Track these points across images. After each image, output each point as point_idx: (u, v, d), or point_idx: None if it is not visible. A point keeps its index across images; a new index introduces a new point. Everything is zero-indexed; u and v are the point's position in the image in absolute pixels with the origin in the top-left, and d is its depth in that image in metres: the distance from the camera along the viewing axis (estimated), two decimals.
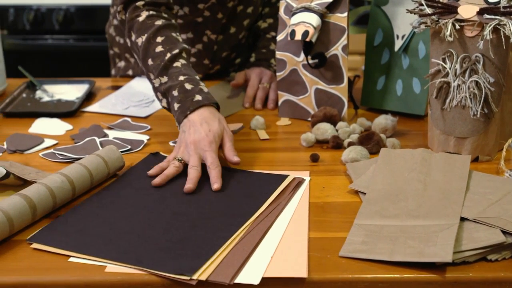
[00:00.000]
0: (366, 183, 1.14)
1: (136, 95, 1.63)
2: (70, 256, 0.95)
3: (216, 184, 1.14)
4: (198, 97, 1.25)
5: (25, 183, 1.15)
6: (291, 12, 1.43)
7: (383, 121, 1.37)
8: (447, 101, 1.24)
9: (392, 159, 1.19)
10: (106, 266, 0.93)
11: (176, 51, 1.31)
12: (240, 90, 1.66)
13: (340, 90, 1.44)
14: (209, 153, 1.18)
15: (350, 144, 1.31)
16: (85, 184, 1.12)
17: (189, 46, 1.56)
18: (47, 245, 0.98)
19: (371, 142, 1.30)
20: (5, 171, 1.12)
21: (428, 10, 1.22)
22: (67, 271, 0.92)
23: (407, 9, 1.26)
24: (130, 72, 1.80)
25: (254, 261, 0.94)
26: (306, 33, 1.38)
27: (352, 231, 1.01)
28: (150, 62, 1.31)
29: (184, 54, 1.33)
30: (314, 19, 1.39)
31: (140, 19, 1.35)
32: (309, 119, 1.47)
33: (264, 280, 0.90)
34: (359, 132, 1.38)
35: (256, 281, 0.89)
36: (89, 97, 1.63)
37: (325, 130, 1.36)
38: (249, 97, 1.58)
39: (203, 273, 0.91)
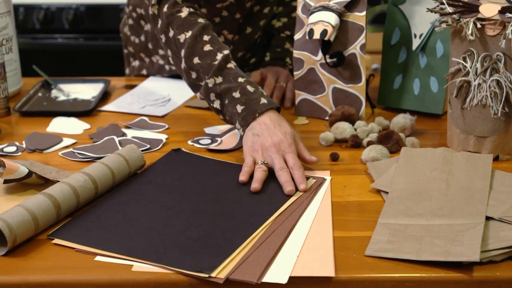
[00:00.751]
0: (388, 182, 1.14)
1: (152, 94, 1.63)
2: (96, 255, 0.95)
3: (302, 184, 1.13)
4: (263, 100, 1.25)
5: (47, 182, 1.16)
6: (309, 11, 1.43)
7: (401, 120, 1.37)
8: (468, 100, 1.24)
9: (414, 158, 1.19)
10: (132, 265, 0.93)
11: (226, 51, 1.30)
12: None
13: (357, 89, 1.44)
14: (291, 154, 1.18)
15: (369, 143, 1.31)
16: (107, 183, 1.12)
17: None
18: (68, 240, 0.98)
19: (390, 141, 1.30)
20: (27, 170, 1.12)
21: (449, 9, 1.22)
22: (93, 270, 0.92)
23: (427, 8, 1.26)
24: (144, 72, 1.79)
25: (280, 260, 0.94)
26: (324, 32, 1.38)
27: (376, 230, 1.01)
28: (196, 60, 1.29)
29: (231, 55, 1.32)
30: (332, 18, 1.39)
31: (182, 15, 1.33)
32: (327, 118, 1.47)
33: (291, 279, 0.90)
34: (377, 131, 1.38)
35: (283, 280, 0.89)
36: (104, 96, 1.63)
37: (343, 129, 1.35)
38: None
39: (221, 271, 0.91)
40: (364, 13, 1.40)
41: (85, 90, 1.66)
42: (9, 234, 0.94)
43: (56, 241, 0.99)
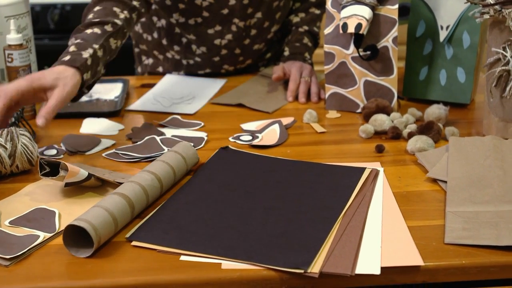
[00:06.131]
0: (443, 171, 1.17)
1: (175, 93, 1.62)
2: (180, 255, 0.94)
3: None
4: (66, 57, 1.26)
5: (103, 184, 1.14)
6: (341, 5, 1.44)
7: (436, 110, 1.40)
8: (507, 88, 1.27)
9: (463, 147, 1.22)
10: (220, 263, 0.92)
11: (97, 20, 1.33)
12: (277, 85, 1.66)
13: (389, 82, 1.46)
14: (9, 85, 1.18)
15: (410, 134, 1.33)
16: (169, 181, 1.11)
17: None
18: (148, 242, 0.97)
19: (431, 132, 1.32)
20: (87, 173, 1.10)
21: (491, 0, 1.25)
22: (183, 270, 0.91)
23: (467, 0, 1.29)
24: (160, 69, 1.78)
25: (365, 252, 0.95)
26: (359, 26, 1.39)
27: (448, 218, 1.03)
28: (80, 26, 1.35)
29: (107, 27, 1.34)
30: (366, 12, 1.40)
31: None
32: (359, 111, 1.48)
33: (382, 269, 0.91)
34: (413, 122, 1.40)
35: (376, 271, 0.90)
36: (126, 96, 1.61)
37: (382, 121, 1.37)
38: (293, 90, 1.58)
39: (314, 266, 0.91)
40: (396, 6, 1.42)
41: (105, 90, 1.64)
42: (95, 236, 0.92)
43: (135, 243, 0.97)
